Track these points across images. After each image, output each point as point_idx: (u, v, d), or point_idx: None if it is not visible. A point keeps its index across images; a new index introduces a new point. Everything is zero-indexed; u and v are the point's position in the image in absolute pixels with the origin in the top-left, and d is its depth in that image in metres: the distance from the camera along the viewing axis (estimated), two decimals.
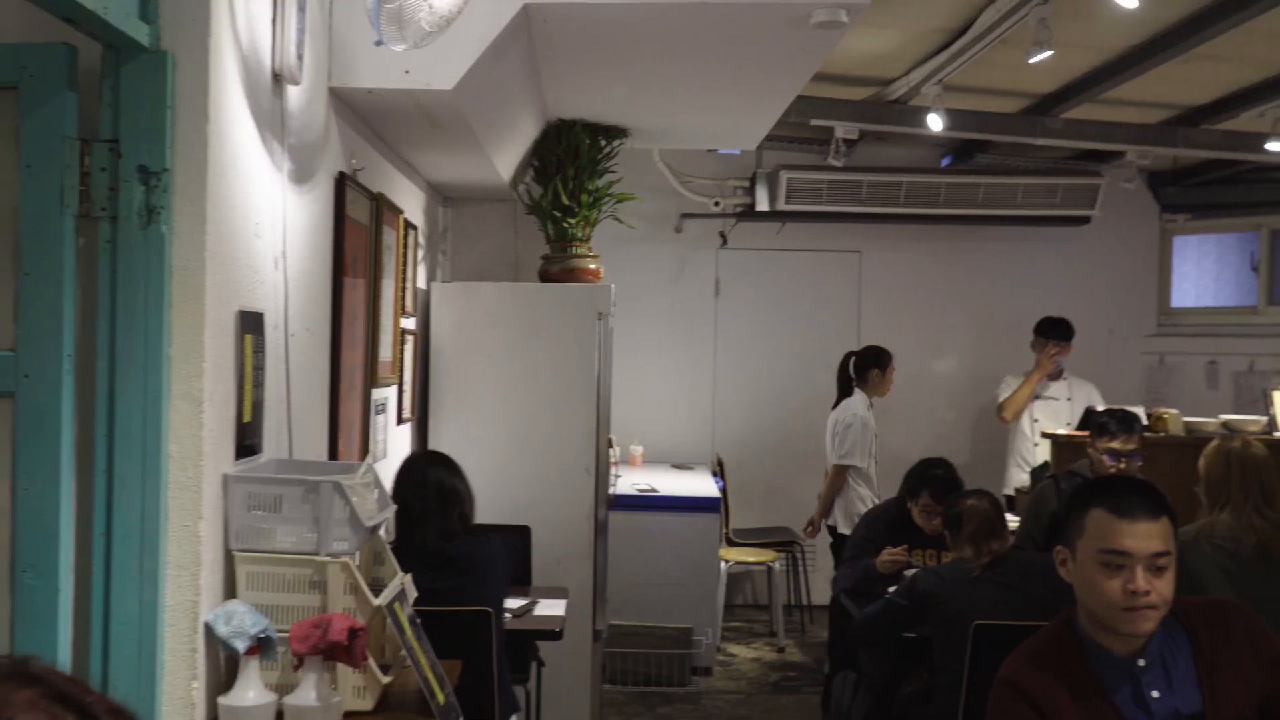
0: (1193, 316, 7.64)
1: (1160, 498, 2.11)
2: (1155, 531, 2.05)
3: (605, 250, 5.23)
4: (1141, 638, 2.05)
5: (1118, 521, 2.05)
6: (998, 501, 3.78)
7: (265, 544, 2.34)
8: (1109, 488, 2.16)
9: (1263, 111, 5.43)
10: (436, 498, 3.38)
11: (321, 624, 2.20)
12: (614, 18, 3.35)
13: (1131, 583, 2.01)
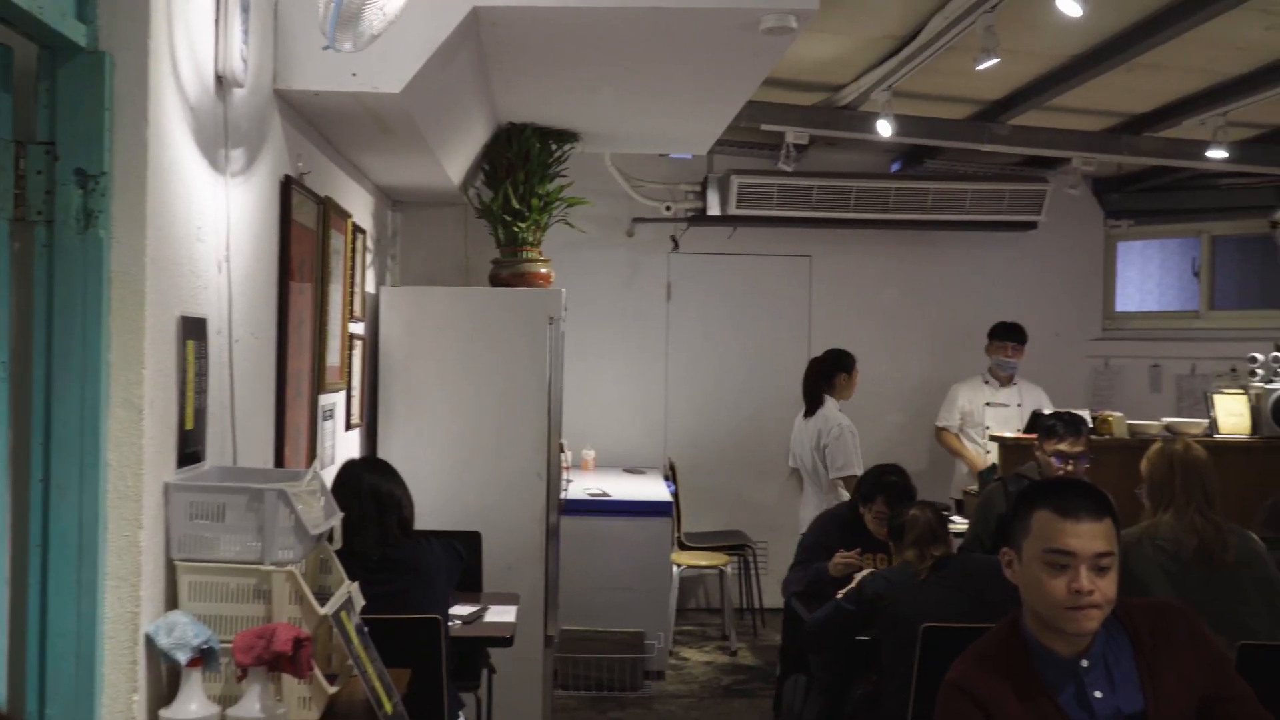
0: (1136, 321, 7.76)
1: (1104, 499, 2.14)
2: (1099, 532, 2.08)
3: (556, 254, 5.21)
4: (1085, 638, 2.08)
5: (1062, 522, 2.08)
6: (940, 511, 3.82)
7: (208, 553, 2.30)
8: (1054, 489, 2.18)
9: (1203, 120, 5.53)
10: (373, 504, 3.37)
11: (266, 634, 2.17)
12: (564, 22, 3.34)
13: (1076, 582, 2.03)
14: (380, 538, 3.33)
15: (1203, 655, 2.11)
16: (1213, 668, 2.11)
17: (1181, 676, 2.08)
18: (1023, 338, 6.58)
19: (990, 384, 6.70)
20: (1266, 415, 6.14)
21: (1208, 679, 2.10)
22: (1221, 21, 4.14)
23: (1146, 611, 2.16)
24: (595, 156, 6.22)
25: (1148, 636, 2.11)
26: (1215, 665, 2.12)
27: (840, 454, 5.98)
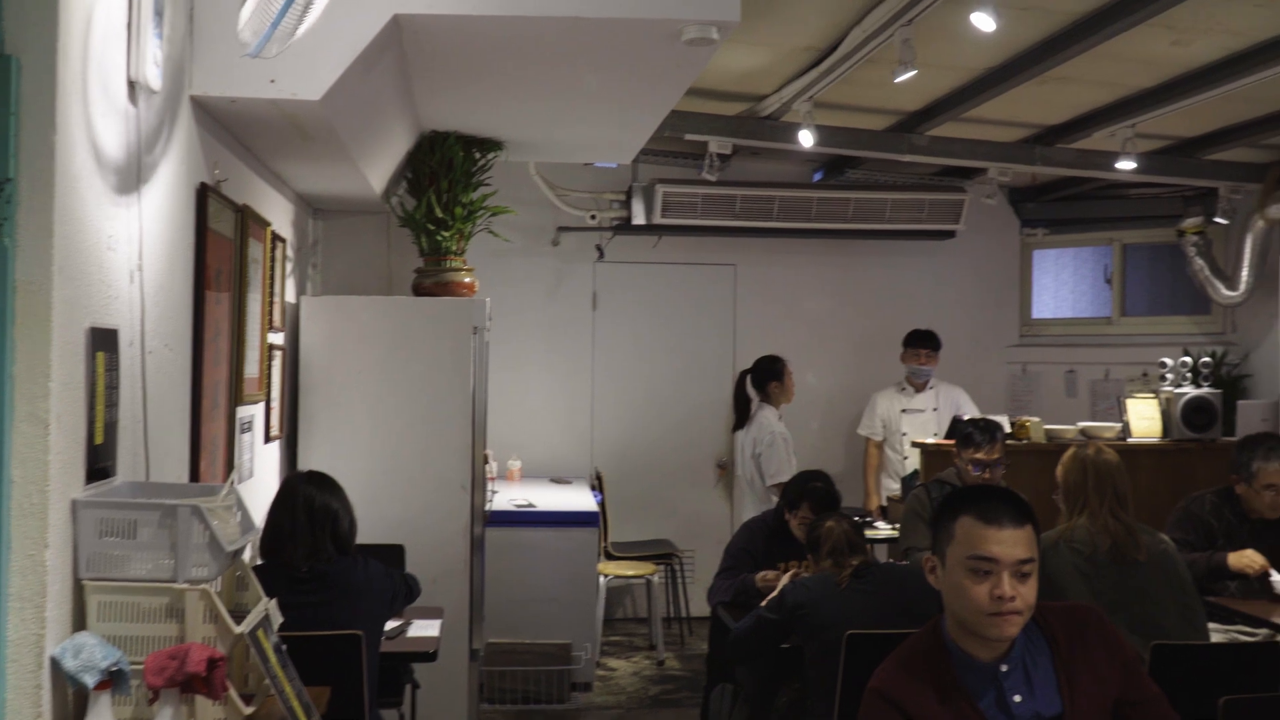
0: (1052, 327, 7.94)
1: (1025, 506, 2.17)
2: (1020, 539, 2.11)
3: (481, 263, 5.18)
4: (1005, 643, 2.11)
5: (985, 529, 2.11)
6: (855, 522, 3.86)
7: (118, 572, 2.24)
8: (977, 496, 2.21)
9: (1113, 132, 5.67)
10: (306, 516, 3.30)
11: (178, 654, 2.11)
12: (487, 30, 3.32)
13: (998, 588, 2.06)
14: (311, 551, 3.27)
15: (1117, 658, 2.16)
16: (1126, 671, 2.16)
17: (1097, 679, 2.12)
18: (935, 344, 6.69)
19: (906, 391, 6.80)
20: (1176, 418, 6.31)
21: (1121, 682, 2.14)
22: (1128, 37, 4.26)
23: (1063, 615, 2.20)
24: (520, 165, 6.20)
25: (1064, 640, 2.15)
26: (1128, 668, 2.17)
27: (774, 461, 6.02)
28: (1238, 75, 4.67)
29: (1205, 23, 4.24)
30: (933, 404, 6.72)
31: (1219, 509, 4.46)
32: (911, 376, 6.77)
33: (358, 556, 3.40)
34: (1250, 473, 4.32)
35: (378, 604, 3.42)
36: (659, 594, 6.68)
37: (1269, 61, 4.49)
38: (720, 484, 7.40)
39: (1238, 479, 4.40)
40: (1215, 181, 6.61)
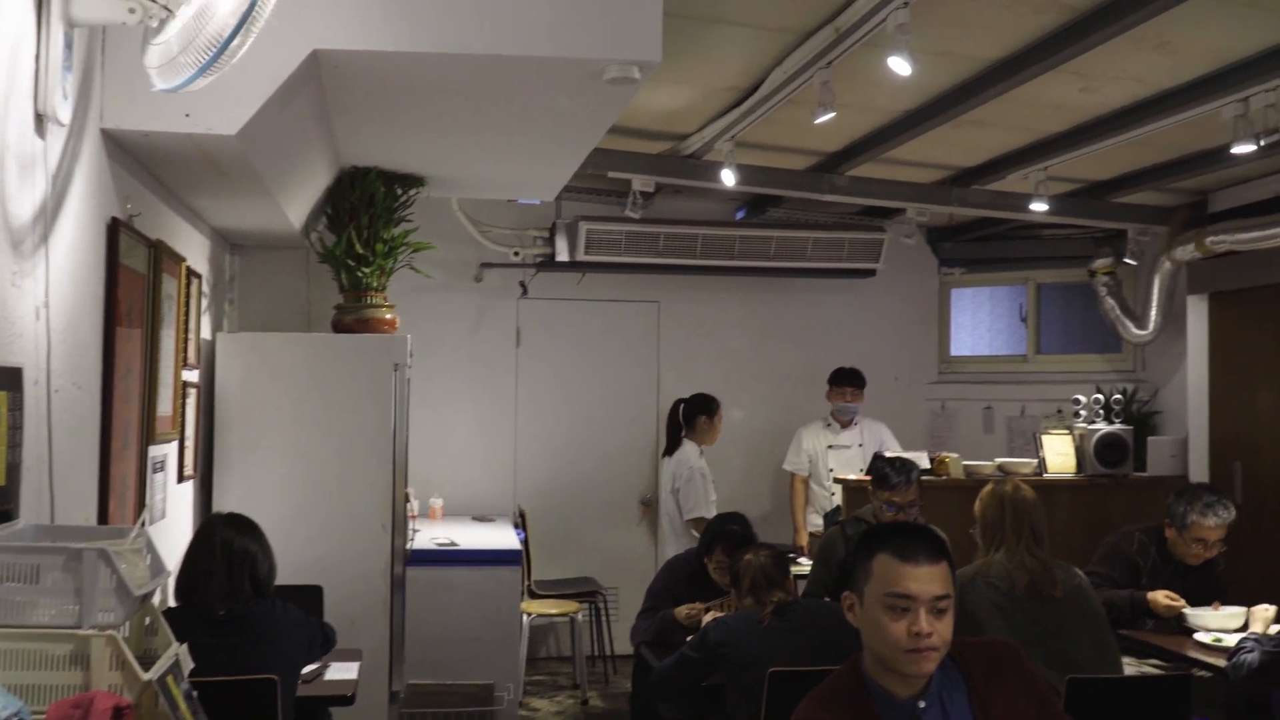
0: (970, 364, 8.08)
1: (940, 543, 2.20)
2: (937, 575, 2.13)
3: (402, 300, 5.13)
4: (923, 679, 2.12)
5: (902, 565, 2.13)
6: (778, 555, 3.86)
7: (19, 618, 2.16)
8: (894, 533, 2.23)
9: (1026, 174, 5.81)
10: (223, 558, 3.24)
11: (82, 704, 2.04)
12: (407, 67, 3.31)
13: (915, 625, 2.08)
14: (228, 593, 3.21)
15: (1032, 693, 2.19)
16: (1041, 705, 2.19)
17: (1013, 714, 2.14)
18: (860, 382, 6.78)
19: (832, 427, 6.87)
20: (1090, 454, 6.46)
21: (1037, 716, 2.17)
22: (1040, 83, 4.38)
23: (979, 651, 2.22)
24: (442, 201, 6.18)
25: (980, 676, 2.17)
26: (1044, 702, 2.20)
27: (691, 497, 6.05)
28: (1143, 121, 4.82)
29: (1113, 71, 4.38)
30: (858, 440, 6.80)
31: (1145, 548, 4.54)
32: (837, 414, 6.84)
33: (276, 600, 3.34)
34: (1184, 523, 4.40)
35: (296, 648, 3.35)
36: (583, 632, 6.63)
37: (1173, 109, 4.64)
38: (644, 521, 7.39)
39: (1170, 525, 4.48)
40: (1124, 223, 6.80)
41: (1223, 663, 3.87)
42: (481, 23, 3.17)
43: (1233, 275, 6.27)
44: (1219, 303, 6.48)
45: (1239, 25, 3.88)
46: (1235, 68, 4.27)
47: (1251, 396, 6.18)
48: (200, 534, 3.34)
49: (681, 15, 3.86)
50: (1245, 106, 4.40)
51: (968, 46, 4.20)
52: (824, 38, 3.98)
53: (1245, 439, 6.22)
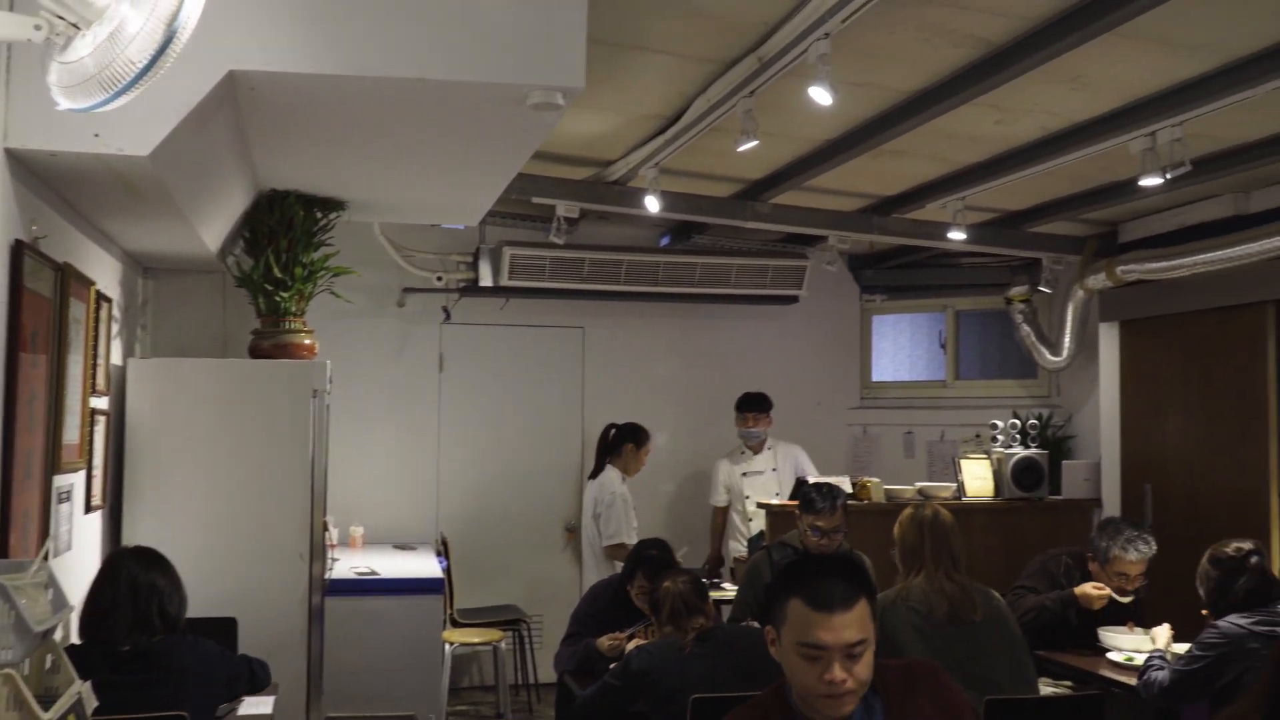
0: (891, 390, 8.18)
1: (858, 579, 2.15)
2: (851, 621, 2.08)
3: (323, 325, 5.06)
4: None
5: (814, 615, 2.08)
6: (696, 581, 3.85)
7: None
8: (808, 576, 2.16)
9: (944, 204, 5.92)
10: (129, 592, 3.15)
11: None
12: (326, 89, 3.26)
13: (828, 673, 2.05)
14: (133, 628, 3.11)
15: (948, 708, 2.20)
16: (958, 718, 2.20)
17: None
18: (763, 406, 6.82)
19: (745, 454, 6.91)
20: (1007, 478, 6.57)
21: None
22: (956, 115, 4.47)
23: (898, 674, 2.23)
24: (364, 225, 6.11)
25: (899, 699, 2.18)
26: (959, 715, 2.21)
27: (612, 522, 6.04)
28: (1056, 154, 4.94)
29: (1026, 104, 4.48)
30: (771, 464, 6.84)
31: (1071, 572, 4.64)
32: (746, 439, 6.87)
33: (187, 635, 3.25)
34: (1107, 558, 4.49)
35: (209, 686, 3.26)
36: (506, 661, 6.56)
37: (1084, 142, 4.76)
38: (568, 547, 7.34)
39: (1093, 559, 4.57)
40: (1039, 252, 6.96)
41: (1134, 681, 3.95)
42: (404, 46, 3.14)
43: (1142, 304, 6.44)
44: (1129, 330, 6.65)
45: (1147, 62, 4.00)
46: (1143, 103, 4.40)
47: (1160, 421, 6.34)
48: (105, 568, 3.24)
49: (605, 42, 3.87)
50: (1153, 140, 4.52)
51: (887, 78, 4.27)
52: (747, 67, 4.02)
53: (1155, 462, 6.38)
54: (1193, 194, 5.79)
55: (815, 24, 3.50)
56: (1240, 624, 3.68)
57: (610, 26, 3.76)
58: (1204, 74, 4.08)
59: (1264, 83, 3.90)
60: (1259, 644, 3.56)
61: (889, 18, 3.61)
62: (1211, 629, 3.77)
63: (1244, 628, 3.66)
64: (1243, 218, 5.71)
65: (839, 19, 3.43)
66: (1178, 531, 5.81)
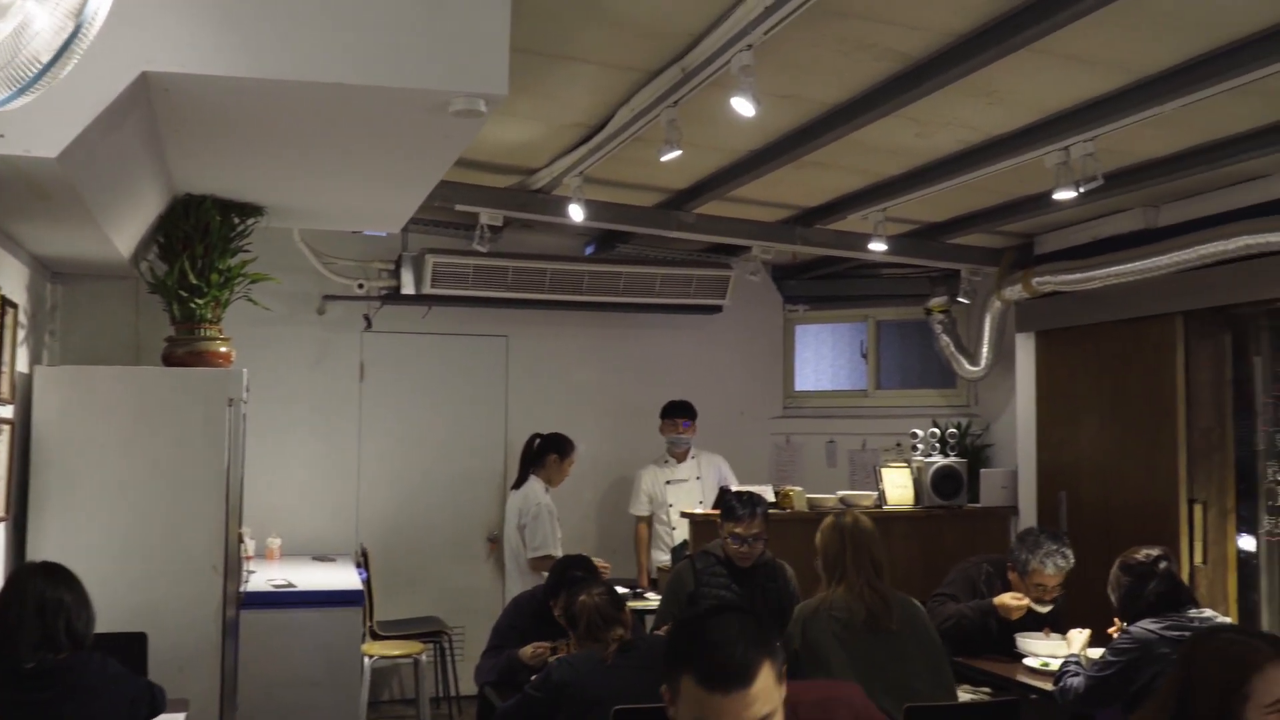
0: (813, 399, 8.26)
1: (759, 638, 1.95)
2: (749, 698, 1.88)
3: (240, 333, 4.96)
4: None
5: (709, 696, 1.88)
6: (612, 593, 3.85)
7: None
8: (699, 645, 1.94)
9: (865, 215, 5.99)
10: (35, 609, 3.06)
11: None
12: (243, 92, 3.20)
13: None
14: (39, 646, 3.03)
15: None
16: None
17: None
18: (691, 414, 6.86)
19: (669, 463, 6.92)
20: (927, 486, 6.67)
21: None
22: (877, 128, 4.52)
23: (812, 710, 2.19)
24: (283, 231, 6.01)
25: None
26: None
27: (538, 534, 6.01)
28: (974, 167, 5.02)
29: (945, 117, 4.55)
30: (695, 473, 6.87)
31: (991, 580, 4.72)
32: (672, 446, 6.89)
33: (94, 653, 3.16)
34: (1026, 570, 4.58)
35: (115, 704, 3.17)
36: (427, 674, 6.48)
37: (1001, 155, 4.85)
38: (491, 558, 7.29)
39: (1013, 568, 4.65)
40: (957, 264, 7.07)
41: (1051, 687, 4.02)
42: (323, 51, 3.09)
43: (1057, 314, 6.58)
44: (1045, 340, 6.79)
45: (1060, 78, 4.09)
46: (1057, 118, 4.49)
47: (1075, 430, 6.48)
48: (10, 584, 3.15)
49: (529, 50, 3.85)
50: (1066, 155, 4.62)
51: (809, 90, 4.30)
52: (670, 77, 4.03)
53: (1069, 470, 6.51)
54: (1105, 207, 5.93)
55: (738, 35, 3.52)
56: (1151, 629, 3.77)
57: (534, 35, 3.74)
58: (1114, 91, 4.18)
59: (1171, 100, 4.01)
60: (1169, 649, 3.65)
61: (811, 31, 3.64)
62: (1124, 634, 3.86)
63: (1155, 633, 3.75)
64: (1152, 231, 5.87)
65: (761, 30, 3.45)
66: (1091, 539, 5.93)
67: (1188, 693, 2.40)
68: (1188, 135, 4.71)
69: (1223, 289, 5.45)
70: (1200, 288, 5.53)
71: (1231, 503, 5.77)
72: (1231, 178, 5.28)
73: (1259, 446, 5.70)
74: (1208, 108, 4.17)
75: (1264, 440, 5.67)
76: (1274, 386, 5.67)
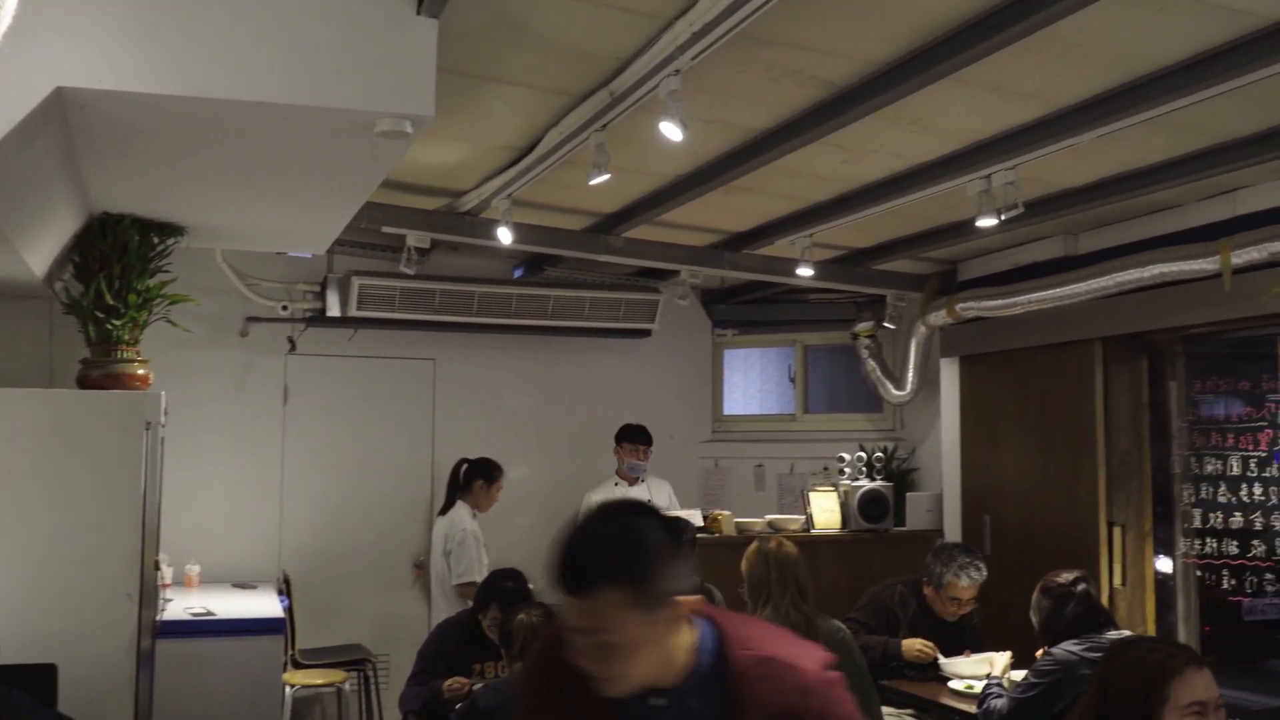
0: (742, 424, 8.29)
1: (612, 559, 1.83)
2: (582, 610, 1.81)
3: (160, 355, 4.85)
4: None
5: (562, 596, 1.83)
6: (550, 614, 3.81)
7: None
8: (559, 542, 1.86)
9: (793, 240, 6.04)
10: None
11: None
12: (164, 110, 3.14)
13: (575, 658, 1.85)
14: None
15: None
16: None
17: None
18: (649, 439, 6.84)
19: (620, 485, 6.88)
20: (854, 510, 6.72)
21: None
22: (804, 154, 4.56)
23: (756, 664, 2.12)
24: (205, 251, 5.90)
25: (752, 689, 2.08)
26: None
27: (463, 560, 5.95)
28: (899, 194, 5.09)
29: (871, 145, 4.61)
30: (646, 496, 6.84)
31: (906, 600, 4.76)
32: (627, 471, 6.83)
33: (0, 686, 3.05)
34: (941, 583, 4.64)
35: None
36: (350, 703, 6.36)
37: (925, 183, 4.93)
38: (417, 584, 7.18)
39: (928, 583, 4.70)
40: (883, 289, 7.16)
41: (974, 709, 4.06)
42: (246, 68, 3.05)
43: (980, 340, 6.69)
44: (968, 365, 6.89)
45: (982, 108, 4.17)
46: (979, 147, 4.58)
47: (998, 454, 6.58)
48: None
49: (457, 72, 3.83)
50: (988, 183, 4.71)
51: (737, 116, 4.34)
52: (599, 100, 4.04)
53: (993, 494, 6.61)
54: (1026, 235, 6.05)
55: (666, 60, 3.54)
56: (1072, 651, 3.83)
57: (462, 56, 3.72)
58: (1034, 121, 4.27)
59: (1088, 130, 4.11)
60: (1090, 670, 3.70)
61: (738, 57, 3.67)
62: (1046, 656, 3.91)
63: (1076, 654, 3.81)
64: (1072, 258, 5.99)
65: (689, 56, 3.47)
66: (1015, 561, 6.02)
67: (1106, 700, 2.46)
68: (1105, 165, 4.82)
69: (1139, 315, 5.58)
70: (1118, 314, 5.66)
71: (1149, 525, 5.89)
72: (1147, 207, 5.43)
73: (1175, 470, 5.83)
74: (1123, 139, 4.29)
75: (1179, 464, 5.81)
76: (1189, 411, 5.82)
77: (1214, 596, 5.64)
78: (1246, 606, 5.52)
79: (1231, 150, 4.47)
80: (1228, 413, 5.62)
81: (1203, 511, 5.63)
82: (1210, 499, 5.58)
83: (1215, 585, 5.57)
